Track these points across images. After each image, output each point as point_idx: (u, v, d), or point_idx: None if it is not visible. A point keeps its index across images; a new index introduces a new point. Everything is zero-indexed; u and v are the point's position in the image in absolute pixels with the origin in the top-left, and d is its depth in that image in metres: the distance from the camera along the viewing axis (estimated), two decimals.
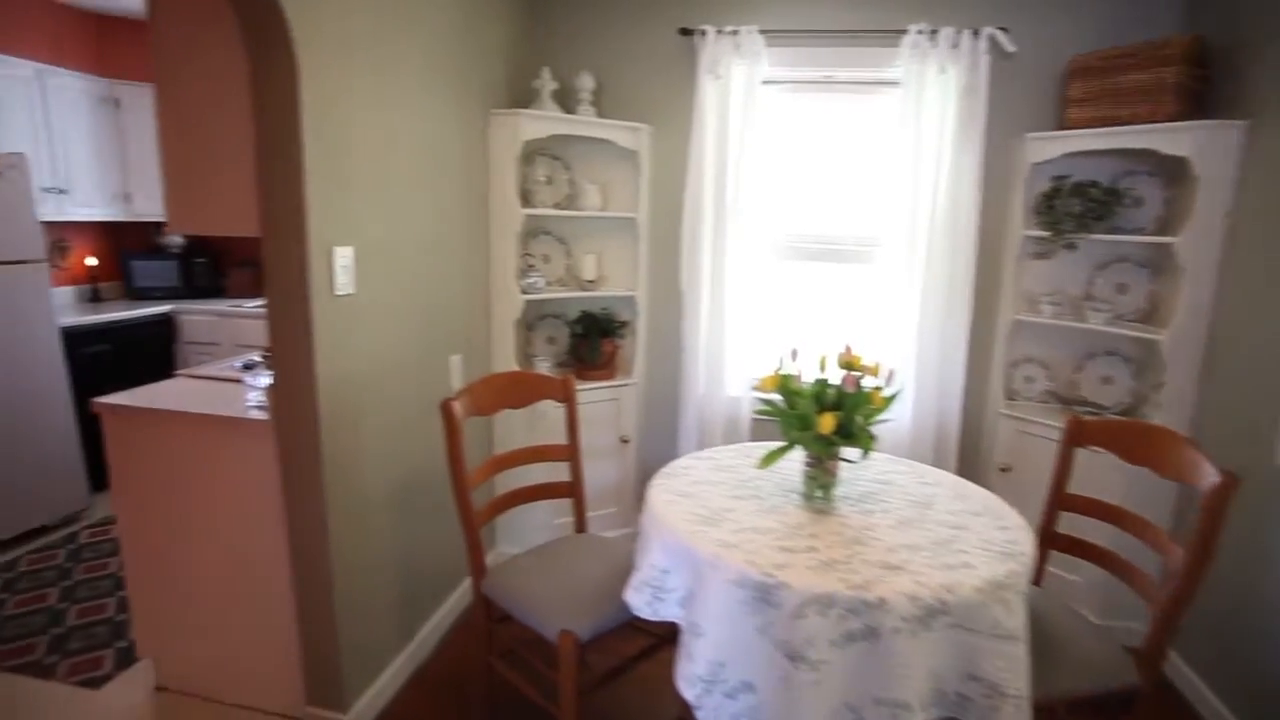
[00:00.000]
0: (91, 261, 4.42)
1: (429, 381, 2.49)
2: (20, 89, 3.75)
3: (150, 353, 4.16)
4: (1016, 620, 1.49)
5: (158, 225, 4.66)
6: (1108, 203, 2.65)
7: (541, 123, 2.83)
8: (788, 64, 2.98)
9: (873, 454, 1.96)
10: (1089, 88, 2.60)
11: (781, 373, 1.88)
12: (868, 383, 1.81)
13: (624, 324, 3.18)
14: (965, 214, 2.81)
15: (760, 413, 1.74)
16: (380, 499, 2.24)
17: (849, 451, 1.84)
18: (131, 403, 2.15)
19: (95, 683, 2.40)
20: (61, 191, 3.95)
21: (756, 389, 1.85)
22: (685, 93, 3.04)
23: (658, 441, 3.35)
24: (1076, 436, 2.07)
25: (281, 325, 1.89)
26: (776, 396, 1.88)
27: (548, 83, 2.95)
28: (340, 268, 1.92)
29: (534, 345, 3.26)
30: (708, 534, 1.65)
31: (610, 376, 3.16)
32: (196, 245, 4.85)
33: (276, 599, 2.15)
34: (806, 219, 3.16)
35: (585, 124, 2.95)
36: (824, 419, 1.69)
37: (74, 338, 3.69)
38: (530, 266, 3.03)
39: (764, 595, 1.46)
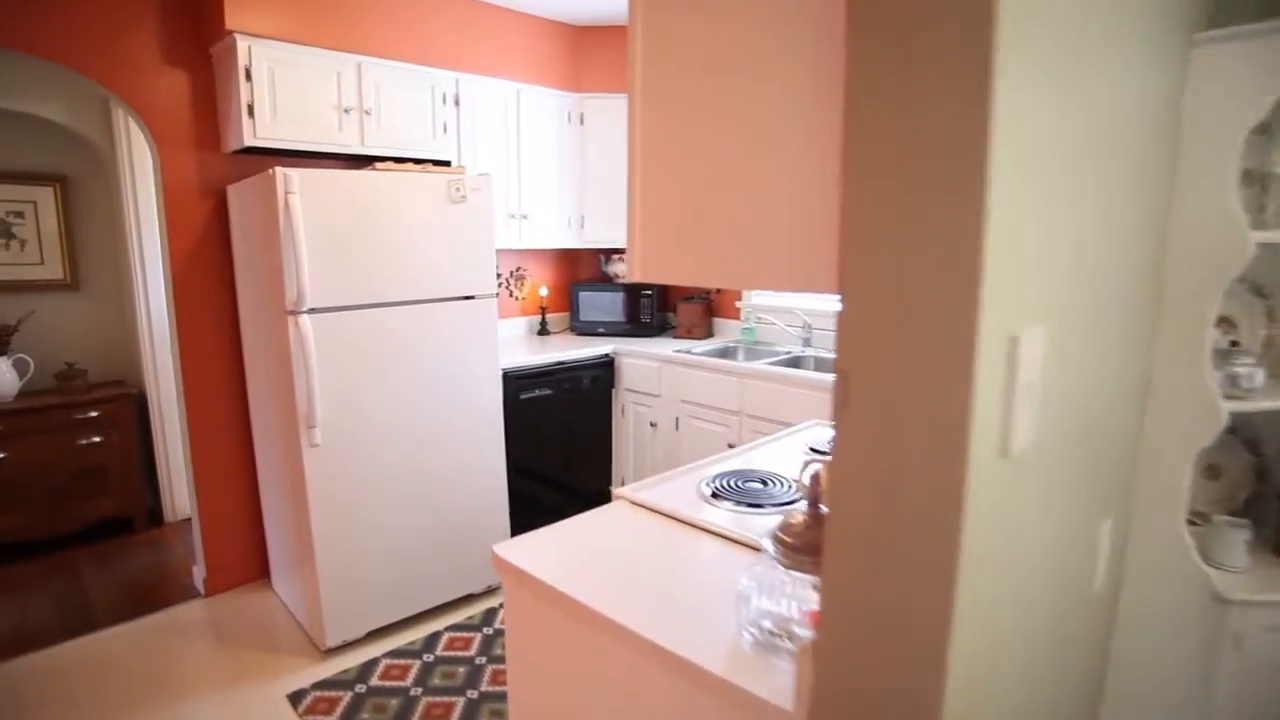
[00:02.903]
0: (543, 291, 4.13)
1: (1070, 577, 1.19)
2: (499, 110, 3.49)
3: (590, 398, 3.66)
4: None
5: (606, 253, 4.24)
6: None
7: None
8: None
9: None
10: None
11: None
12: None
13: None
14: None
15: None
16: None
17: None
18: (542, 574, 1.26)
19: None
20: (523, 217, 3.65)
21: None
22: None
23: None
24: None
25: (874, 511, 0.77)
26: None
27: None
28: (1025, 383, 0.74)
29: None
30: None
31: None
32: None
33: None
34: None
35: None
36: None
37: (513, 379, 3.28)
38: (1233, 344, 1.55)
39: None
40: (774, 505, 1.54)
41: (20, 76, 3.49)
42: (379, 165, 2.67)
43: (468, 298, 2.84)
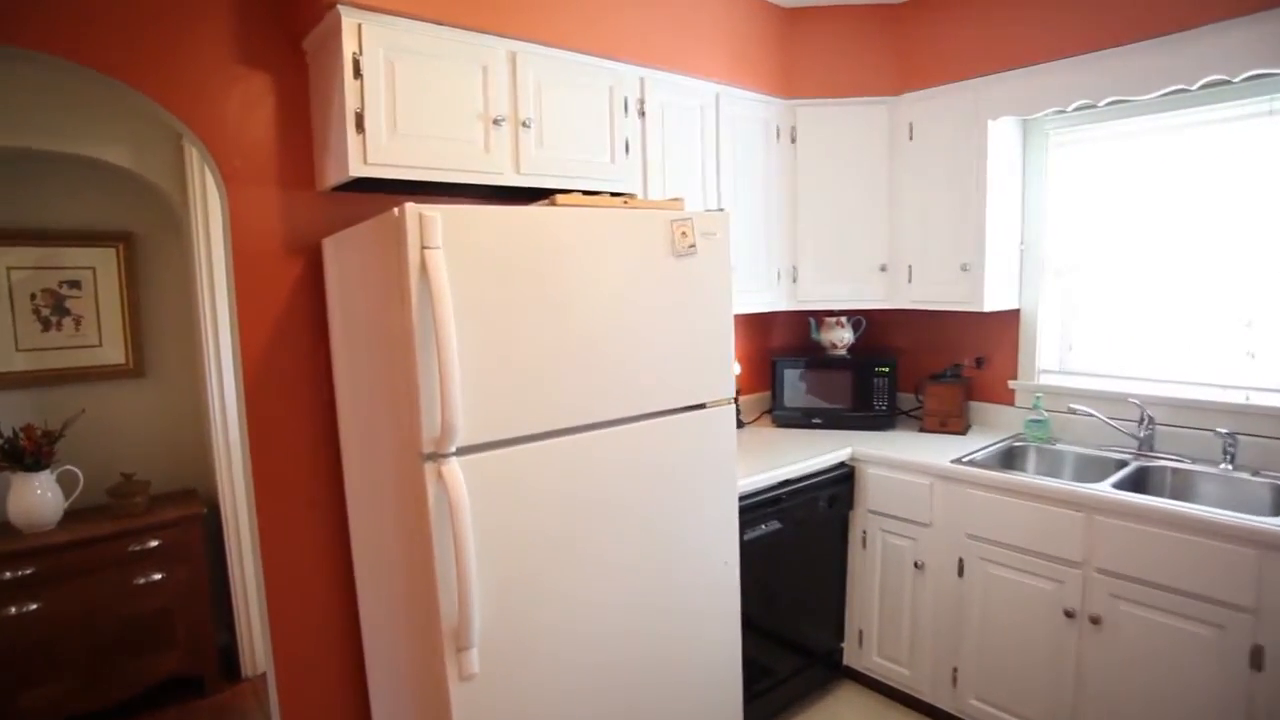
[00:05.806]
0: (736, 368, 3.04)
1: None
2: (694, 121, 2.46)
3: (820, 521, 2.51)
4: None
5: (818, 315, 3.12)
6: None
7: None
8: None
9: None
10: None
11: None
12: None
13: None
14: None
15: None
16: None
17: None
18: None
19: None
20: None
21: None
22: None
23: None
24: None
25: None
26: None
27: None
28: None
29: None
30: None
31: None
32: (871, 346, 3.20)
33: None
34: None
35: None
36: None
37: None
38: None
39: None
40: None
41: (82, 115, 2.71)
42: (561, 199, 1.65)
43: (697, 406, 1.76)
